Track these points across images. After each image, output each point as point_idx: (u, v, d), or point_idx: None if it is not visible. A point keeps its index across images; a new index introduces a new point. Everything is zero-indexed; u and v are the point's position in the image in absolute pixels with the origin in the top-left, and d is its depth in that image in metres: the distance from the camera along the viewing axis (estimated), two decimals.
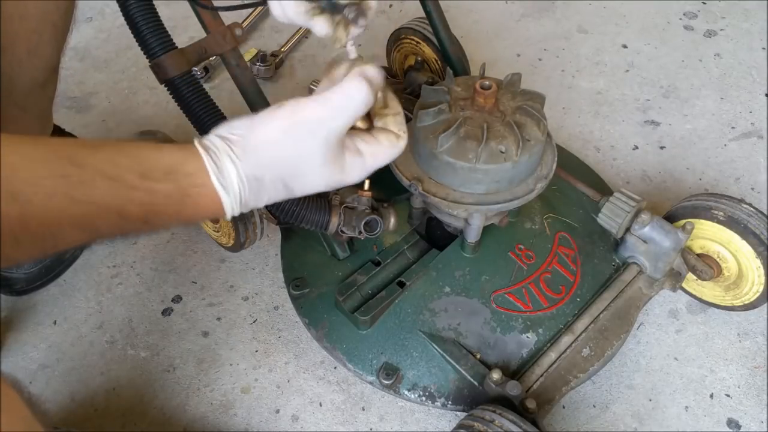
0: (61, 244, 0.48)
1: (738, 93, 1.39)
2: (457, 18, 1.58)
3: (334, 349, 0.90)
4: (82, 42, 1.55)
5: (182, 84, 0.76)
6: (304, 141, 0.56)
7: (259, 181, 0.56)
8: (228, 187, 0.54)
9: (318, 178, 0.59)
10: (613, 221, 0.90)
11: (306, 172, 0.58)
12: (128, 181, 0.49)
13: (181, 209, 0.53)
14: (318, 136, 0.56)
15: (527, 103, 0.82)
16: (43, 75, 0.88)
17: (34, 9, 0.79)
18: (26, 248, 0.46)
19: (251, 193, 0.56)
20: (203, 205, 0.54)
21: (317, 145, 0.56)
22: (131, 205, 0.50)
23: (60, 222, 0.46)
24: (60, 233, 0.47)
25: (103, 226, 0.49)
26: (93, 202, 0.47)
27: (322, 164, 0.57)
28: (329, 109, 0.56)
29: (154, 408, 0.94)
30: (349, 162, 0.60)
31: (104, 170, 0.48)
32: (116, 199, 0.49)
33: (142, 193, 0.50)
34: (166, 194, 0.51)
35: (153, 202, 0.51)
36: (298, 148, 0.56)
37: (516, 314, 0.89)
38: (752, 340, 0.99)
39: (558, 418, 0.91)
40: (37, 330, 1.03)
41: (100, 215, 0.48)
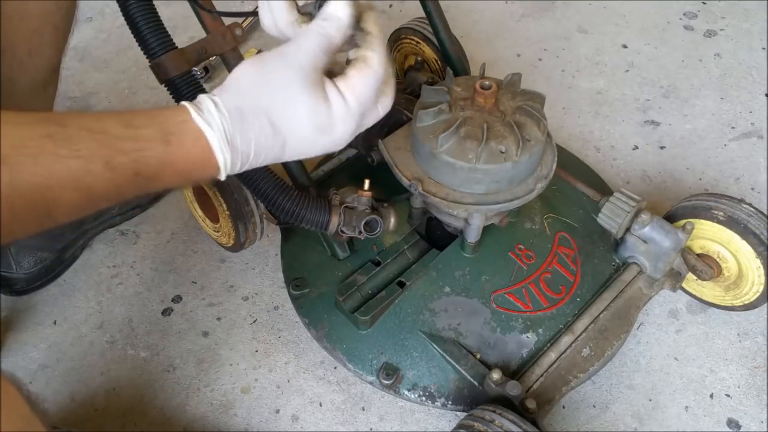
0: (56, 212, 0.47)
1: (738, 93, 1.39)
2: (457, 18, 1.59)
3: (334, 349, 0.90)
4: (82, 42, 1.55)
5: (182, 84, 0.76)
6: (276, 69, 0.55)
7: (239, 110, 0.55)
8: (209, 120, 0.53)
9: (302, 112, 0.56)
10: (613, 221, 0.90)
11: (287, 102, 0.56)
12: (112, 131, 0.49)
13: (167, 151, 0.51)
14: (289, 64, 0.55)
15: (527, 103, 0.82)
16: (44, 75, 0.88)
17: (34, 9, 0.79)
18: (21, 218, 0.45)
19: (234, 126, 0.54)
20: (189, 144, 0.53)
21: (290, 72, 0.55)
22: (118, 154, 0.49)
23: (49, 182, 0.45)
24: (52, 195, 0.46)
25: (93, 183, 0.48)
26: (80, 156, 0.47)
27: (301, 91, 0.55)
28: (293, 45, 0.56)
29: (154, 408, 0.94)
30: (331, 95, 0.57)
31: (88, 125, 0.48)
32: (102, 148, 0.48)
33: (127, 141, 0.49)
34: (149, 137, 0.51)
35: (139, 146, 0.50)
36: (272, 76, 0.55)
37: (516, 314, 0.89)
38: (752, 340, 0.99)
39: (558, 418, 0.91)
40: (37, 330, 1.03)
41: (88, 169, 0.47)
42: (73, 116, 0.49)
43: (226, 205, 0.94)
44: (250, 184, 0.80)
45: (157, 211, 1.19)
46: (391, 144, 0.86)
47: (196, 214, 1.08)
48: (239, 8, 1.65)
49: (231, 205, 0.93)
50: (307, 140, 0.58)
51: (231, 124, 0.54)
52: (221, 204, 0.95)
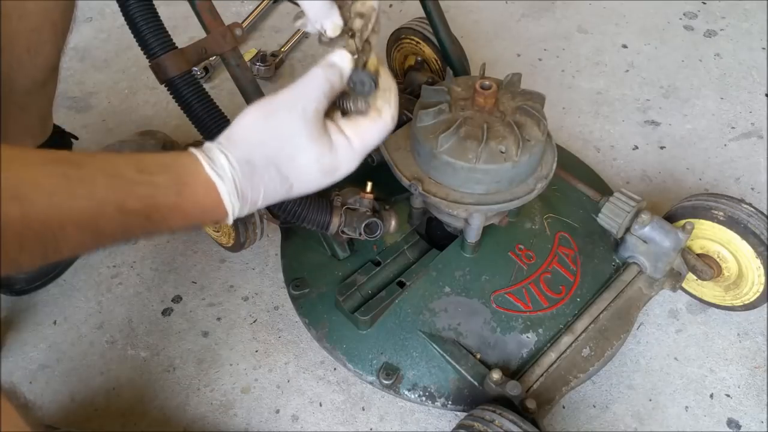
0: (64, 247, 0.48)
1: (738, 93, 1.39)
2: (457, 18, 1.59)
3: (334, 349, 0.90)
4: (82, 42, 1.55)
5: (182, 84, 0.76)
6: (281, 119, 0.58)
7: (249, 163, 0.57)
8: (221, 173, 0.55)
9: (309, 160, 0.59)
10: (613, 221, 0.90)
11: (294, 152, 0.59)
12: (127, 175, 0.50)
13: (179, 201, 0.53)
14: (294, 112, 0.58)
15: (527, 103, 0.82)
16: (43, 74, 0.88)
17: (33, 8, 0.79)
18: (29, 251, 0.46)
19: (245, 178, 0.57)
20: (201, 194, 0.55)
21: (295, 121, 0.58)
22: (131, 199, 0.50)
23: (61, 221, 0.46)
24: (62, 234, 0.47)
25: (104, 224, 0.49)
26: (93, 198, 0.48)
27: (308, 141, 0.59)
28: (295, 92, 0.59)
29: (154, 408, 0.94)
30: (336, 141, 0.61)
31: (103, 168, 0.49)
32: (116, 193, 0.49)
33: (141, 186, 0.51)
34: (163, 185, 0.52)
35: (152, 194, 0.52)
36: (278, 127, 0.58)
37: (516, 314, 0.89)
38: (752, 340, 0.99)
39: (558, 418, 0.91)
40: (37, 330, 1.03)
41: (100, 212, 0.49)
42: (88, 158, 0.50)
43: None
44: None
45: None
46: (391, 144, 0.86)
47: None
48: (239, 8, 1.65)
49: None
50: (312, 182, 0.62)
51: (242, 177, 0.57)
52: None
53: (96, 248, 0.51)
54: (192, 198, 0.54)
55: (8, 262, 0.45)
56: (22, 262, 0.46)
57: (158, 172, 0.53)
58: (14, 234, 0.44)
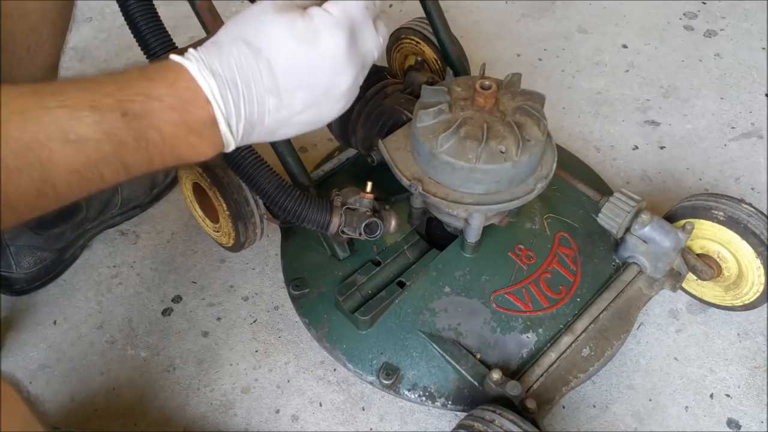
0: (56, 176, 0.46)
1: (738, 93, 1.39)
2: (457, 18, 1.58)
3: (334, 349, 0.90)
4: (82, 42, 1.55)
5: None
6: (250, 10, 0.56)
7: (215, 43, 0.54)
8: (188, 57, 0.53)
9: (278, 29, 0.55)
10: (613, 221, 0.90)
11: (262, 26, 0.55)
12: (96, 80, 0.49)
13: (151, 85, 0.50)
14: (262, 3, 0.55)
15: (527, 103, 0.82)
16: (43, 73, 0.88)
17: (33, 7, 0.79)
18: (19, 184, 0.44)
19: (211, 54, 0.53)
20: (172, 77, 0.52)
21: (263, 6, 0.55)
22: (102, 97, 0.48)
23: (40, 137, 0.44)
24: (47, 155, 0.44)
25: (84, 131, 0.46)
26: (66, 105, 0.45)
27: (273, 13, 0.55)
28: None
29: (154, 408, 0.94)
30: (313, 13, 0.56)
31: (73, 81, 0.48)
32: (87, 94, 0.47)
33: (110, 84, 0.49)
34: (131, 77, 0.50)
35: (122, 87, 0.49)
36: (245, 15, 0.56)
37: (516, 314, 0.89)
38: (752, 340, 0.99)
39: (558, 418, 0.91)
40: (37, 330, 1.03)
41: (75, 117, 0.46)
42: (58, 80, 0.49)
43: (226, 205, 0.94)
44: (252, 184, 0.80)
45: (157, 211, 1.19)
46: (391, 144, 0.86)
47: (196, 214, 1.08)
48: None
49: (231, 205, 0.93)
50: (292, 55, 0.55)
51: (207, 54, 0.53)
52: (221, 204, 0.94)
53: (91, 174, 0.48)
54: (164, 81, 0.51)
55: (3, 206, 0.43)
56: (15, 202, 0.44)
57: (124, 71, 0.51)
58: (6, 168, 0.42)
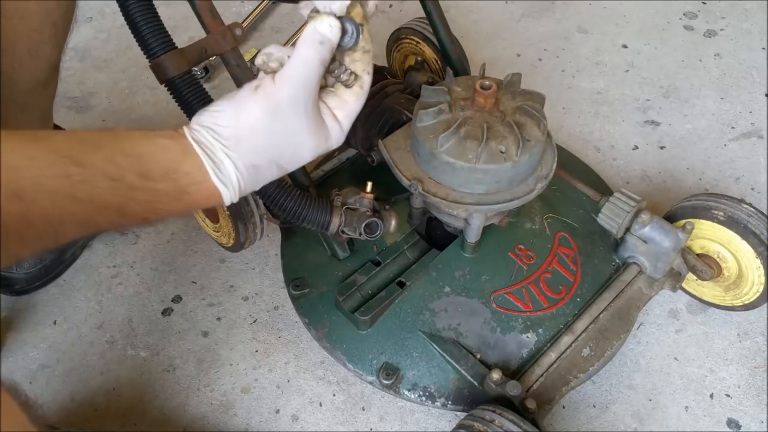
0: (62, 239, 0.49)
1: (738, 93, 1.39)
2: (457, 18, 1.59)
3: (334, 349, 0.90)
4: (82, 42, 1.55)
5: (182, 84, 0.76)
6: (288, 120, 0.57)
7: (255, 168, 0.58)
8: (226, 182, 0.56)
9: (307, 151, 0.61)
10: (613, 221, 0.90)
11: (297, 149, 0.60)
12: (128, 180, 0.51)
13: (179, 206, 0.54)
14: (298, 109, 0.57)
15: (527, 103, 0.82)
16: (44, 74, 0.88)
17: (34, 8, 0.79)
18: (29, 245, 0.47)
19: (248, 182, 0.58)
20: (202, 199, 0.56)
21: (299, 119, 0.58)
22: (131, 204, 0.51)
23: (62, 219, 0.47)
24: (62, 229, 0.48)
25: (103, 222, 0.51)
26: (94, 200, 0.49)
27: (309, 136, 0.59)
28: (298, 81, 0.57)
29: (154, 408, 0.94)
30: (331, 129, 0.61)
31: (105, 170, 0.49)
32: (117, 197, 0.50)
33: (142, 192, 0.51)
34: (165, 193, 0.53)
35: (152, 200, 0.52)
36: (284, 128, 0.58)
37: (516, 314, 0.89)
38: (752, 340, 0.99)
39: (558, 418, 0.91)
40: (37, 330, 1.03)
41: (100, 213, 0.50)
42: (90, 150, 0.50)
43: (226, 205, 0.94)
44: None
45: None
46: (391, 144, 0.86)
47: (196, 214, 1.08)
48: (239, 8, 1.65)
49: (231, 205, 0.93)
50: (302, 165, 0.63)
51: (246, 182, 0.57)
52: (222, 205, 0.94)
53: (94, 234, 0.53)
54: (192, 203, 0.55)
55: (9, 256, 0.46)
56: (22, 254, 0.48)
57: (161, 179, 0.52)
58: (15, 231, 0.45)
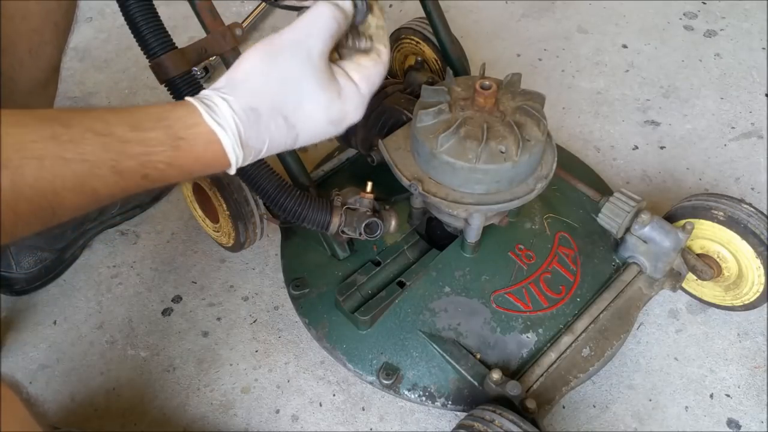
0: (61, 213, 0.46)
1: (738, 93, 1.39)
2: (457, 18, 1.59)
3: (334, 349, 0.90)
4: (82, 42, 1.55)
5: (182, 84, 0.76)
6: (287, 62, 0.54)
7: (255, 111, 0.53)
8: (223, 123, 0.52)
9: (317, 108, 0.56)
10: (613, 221, 0.90)
11: (302, 98, 0.55)
12: (119, 134, 0.47)
13: (177, 155, 0.50)
14: (299, 55, 0.55)
15: (527, 103, 0.82)
16: (45, 75, 0.88)
17: (35, 8, 0.79)
18: (24, 220, 0.44)
19: (250, 127, 0.53)
20: (200, 148, 0.51)
21: (302, 65, 0.55)
22: (125, 159, 0.47)
23: (54, 186, 0.44)
24: (57, 199, 0.45)
25: (100, 185, 0.47)
26: (85, 159, 0.45)
27: (316, 87, 0.55)
28: (301, 31, 0.55)
29: (154, 408, 0.94)
30: (344, 87, 0.58)
31: (93, 127, 0.46)
32: (109, 152, 0.47)
33: (134, 145, 0.48)
34: (159, 141, 0.49)
35: (147, 151, 0.48)
36: (284, 71, 0.54)
37: (516, 314, 0.89)
38: (752, 340, 0.99)
39: (558, 418, 0.91)
40: (37, 330, 1.03)
41: (94, 173, 0.46)
42: (78, 115, 0.47)
43: (226, 205, 0.94)
44: (252, 184, 0.80)
45: (157, 211, 1.19)
46: (391, 144, 0.86)
47: (196, 214, 1.08)
48: (239, 8, 1.65)
49: (231, 205, 0.93)
50: (319, 132, 0.58)
51: (246, 125, 0.53)
52: (221, 204, 0.95)
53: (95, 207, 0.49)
54: (191, 152, 0.51)
55: (5, 234, 0.43)
56: (19, 231, 0.44)
57: (152, 127, 0.49)
58: (7, 204, 0.42)
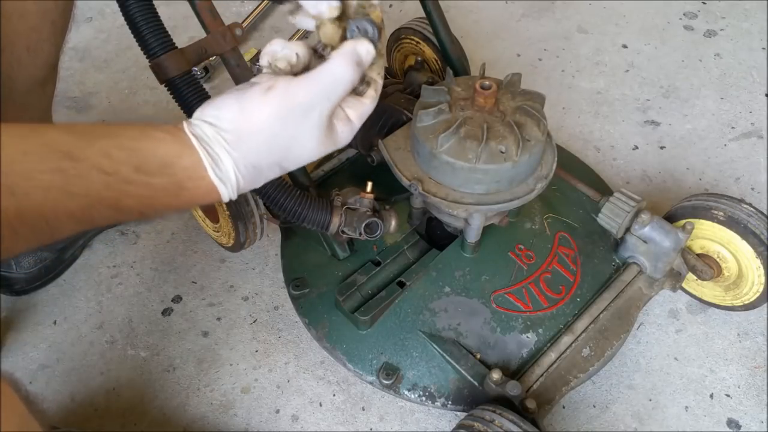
0: (57, 234, 0.48)
1: (738, 93, 1.39)
2: (457, 18, 1.59)
3: (334, 349, 0.90)
4: (82, 42, 1.55)
5: (182, 84, 0.76)
6: (297, 125, 0.55)
7: (256, 168, 0.56)
8: (225, 180, 0.54)
9: (312, 154, 0.59)
10: (613, 221, 0.90)
11: (302, 153, 0.58)
12: (124, 174, 0.49)
13: (176, 201, 0.53)
14: (311, 119, 0.56)
15: (527, 103, 0.82)
16: (43, 73, 0.88)
17: (33, 7, 0.79)
18: (23, 239, 0.46)
19: (249, 181, 0.56)
20: (199, 196, 0.54)
21: (311, 127, 0.56)
22: (127, 198, 0.50)
23: (56, 214, 0.46)
24: (56, 224, 0.47)
25: (98, 217, 0.49)
26: (89, 195, 0.47)
27: (317, 143, 0.58)
28: (319, 92, 0.55)
29: (154, 408, 0.94)
30: (340, 131, 0.59)
31: (100, 164, 0.48)
32: (112, 192, 0.49)
33: (138, 187, 0.50)
34: (161, 188, 0.51)
35: (148, 195, 0.51)
36: (292, 134, 0.56)
37: (516, 314, 0.89)
38: (752, 340, 0.99)
39: (558, 418, 0.91)
40: (37, 330, 1.03)
41: (95, 207, 0.48)
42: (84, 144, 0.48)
43: (226, 205, 0.94)
44: None
45: None
46: (391, 144, 0.86)
47: (196, 214, 1.08)
48: (239, 8, 1.65)
49: (231, 205, 0.93)
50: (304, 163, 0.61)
51: (245, 180, 0.56)
52: (221, 204, 0.94)
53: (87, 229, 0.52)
54: (190, 200, 0.54)
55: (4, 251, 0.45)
56: (16, 249, 0.46)
57: (157, 173, 0.51)
58: (9, 226, 0.44)
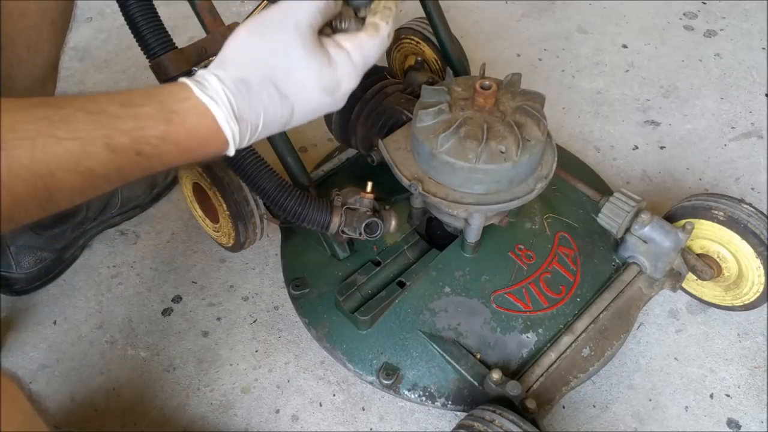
0: (58, 196, 0.46)
1: (738, 93, 1.39)
2: (457, 18, 1.59)
3: (334, 349, 0.90)
4: (82, 42, 1.55)
5: None
6: (274, 34, 0.54)
7: (245, 82, 0.54)
8: (214, 96, 0.52)
9: (308, 75, 0.56)
10: (613, 221, 0.90)
11: (291, 67, 0.55)
12: (110, 111, 0.48)
13: (169, 129, 0.50)
14: (286, 27, 0.54)
15: (527, 103, 0.82)
16: (43, 72, 0.88)
17: (33, 6, 0.79)
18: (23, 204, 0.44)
19: (242, 99, 0.53)
20: (193, 121, 0.51)
21: (289, 35, 0.54)
22: (118, 134, 0.47)
23: (49, 166, 0.44)
24: (53, 181, 0.45)
25: (94, 164, 0.47)
26: (77, 137, 0.45)
27: (305, 55, 0.55)
28: (288, 5, 0.55)
29: (154, 408, 0.94)
30: (334, 55, 0.57)
31: (85, 106, 0.47)
32: (101, 129, 0.47)
33: (126, 120, 0.48)
34: (150, 115, 0.49)
35: (139, 126, 0.48)
36: (271, 42, 0.55)
37: (516, 314, 0.89)
38: (752, 340, 0.99)
39: (558, 418, 0.91)
40: (37, 330, 1.03)
41: (88, 151, 0.46)
42: (69, 98, 0.47)
43: (226, 205, 0.94)
44: (252, 184, 0.80)
45: (157, 211, 1.19)
46: (391, 144, 0.86)
47: (196, 214, 1.08)
48: (239, 8, 1.65)
49: (231, 205, 0.93)
50: (314, 102, 0.58)
51: (238, 98, 0.53)
52: (221, 204, 0.94)
53: (95, 192, 0.48)
54: (184, 126, 0.51)
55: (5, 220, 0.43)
56: (18, 217, 0.44)
57: (143, 103, 0.49)
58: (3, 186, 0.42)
